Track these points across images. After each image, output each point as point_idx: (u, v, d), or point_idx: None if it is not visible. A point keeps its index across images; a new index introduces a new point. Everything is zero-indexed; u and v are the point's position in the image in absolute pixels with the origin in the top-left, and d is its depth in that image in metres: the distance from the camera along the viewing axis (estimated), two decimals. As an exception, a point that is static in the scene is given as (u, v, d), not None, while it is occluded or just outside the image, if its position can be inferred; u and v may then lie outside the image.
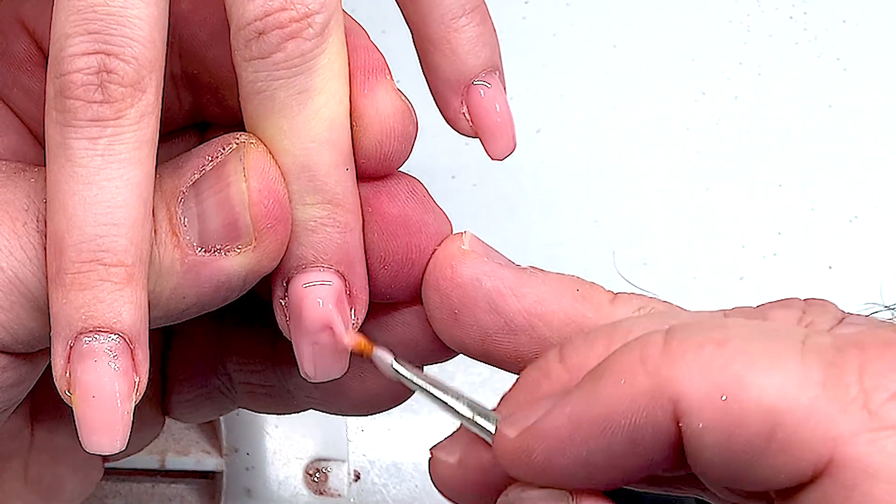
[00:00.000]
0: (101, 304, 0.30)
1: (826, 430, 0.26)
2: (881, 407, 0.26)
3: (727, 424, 0.27)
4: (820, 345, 0.28)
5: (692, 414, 0.27)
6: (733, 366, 0.27)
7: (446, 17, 0.36)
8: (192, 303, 0.33)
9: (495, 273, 0.34)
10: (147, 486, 0.52)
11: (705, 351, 0.27)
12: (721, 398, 0.27)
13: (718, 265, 0.59)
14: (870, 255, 0.59)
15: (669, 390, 0.27)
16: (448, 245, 0.35)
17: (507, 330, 0.33)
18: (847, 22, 0.66)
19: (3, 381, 0.33)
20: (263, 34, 0.32)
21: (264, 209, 0.32)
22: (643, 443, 0.28)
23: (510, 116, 0.37)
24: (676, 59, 0.64)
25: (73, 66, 0.30)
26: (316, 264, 0.33)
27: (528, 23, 0.65)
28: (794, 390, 0.27)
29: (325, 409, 0.39)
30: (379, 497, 0.52)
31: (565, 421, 0.29)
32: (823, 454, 0.26)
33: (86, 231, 0.30)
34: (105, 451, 0.31)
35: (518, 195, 0.60)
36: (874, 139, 0.63)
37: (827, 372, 0.27)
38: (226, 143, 0.33)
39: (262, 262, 0.33)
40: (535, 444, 0.29)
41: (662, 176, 0.61)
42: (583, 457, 0.28)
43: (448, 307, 0.34)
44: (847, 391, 0.27)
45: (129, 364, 0.31)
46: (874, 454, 0.26)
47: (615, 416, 0.28)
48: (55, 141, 0.31)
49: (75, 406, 0.31)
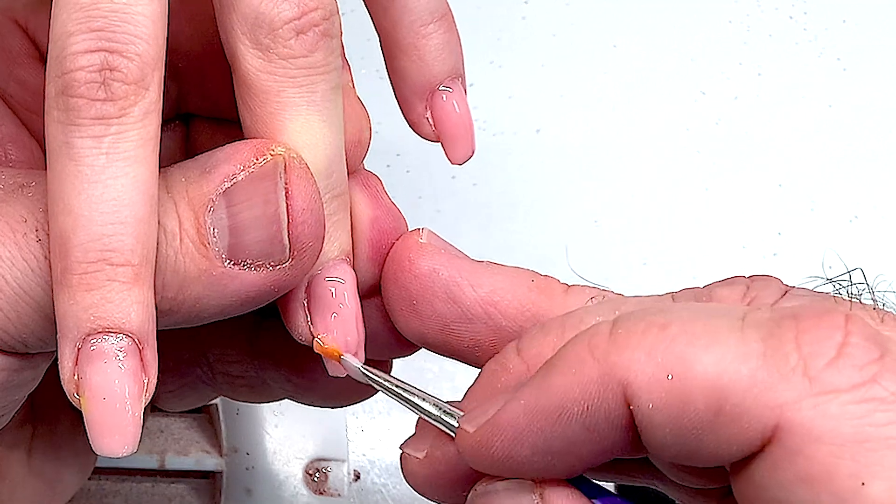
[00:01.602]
0: (109, 304, 0.30)
1: (769, 399, 0.27)
2: (821, 373, 0.27)
3: (675, 402, 0.28)
4: (759, 319, 0.29)
5: (641, 396, 0.28)
6: (676, 346, 0.28)
7: (416, 24, 0.37)
8: (215, 312, 0.32)
9: (452, 264, 0.35)
10: (147, 486, 0.51)
11: (649, 335, 0.28)
12: (667, 378, 0.28)
13: (718, 265, 0.59)
14: (870, 255, 0.59)
15: (618, 375, 0.28)
16: (406, 239, 0.35)
17: (464, 319, 0.34)
18: (847, 22, 0.66)
19: (15, 381, 0.33)
20: (303, 33, 0.32)
21: (307, 229, 0.32)
22: (597, 428, 0.29)
23: (471, 122, 0.39)
24: (676, 59, 0.64)
25: (75, 63, 0.30)
26: (338, 258, 0.34)
27: (528, 23, 0.65)
28: (735, 363, 0.28)
29: (299, 400, 0.40)
30: (379, 497, 0.52)
31: (521, 413, 0.30)
32: (769, 422, 0.27)
33: (92, 230, 0.30)
34: (116, 454, 0.30)
35: (518, 195, 0.60)
36: (874, 139, 0.63)
37: (766, 343, 0.28)
38: (259, 153, 0.32)
39: (295, 277, 0.33)
40: (494, 437, 0.30)
41: (662, 176, 0.61)
42: (541, 446, 0.30)
43: (407, 298, 0.35)
44: (787, 360, 0.27)
45: (138, 365, 0.30)
46: (817, 418, 0.27)
47: (568, 405, 0.29)
48: (58, 140, 0.30)
49: (85, 409, 0.30)
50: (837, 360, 0.27)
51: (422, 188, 0.59)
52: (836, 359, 0.27)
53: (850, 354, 0.27)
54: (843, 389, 0.27)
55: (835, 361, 0.27)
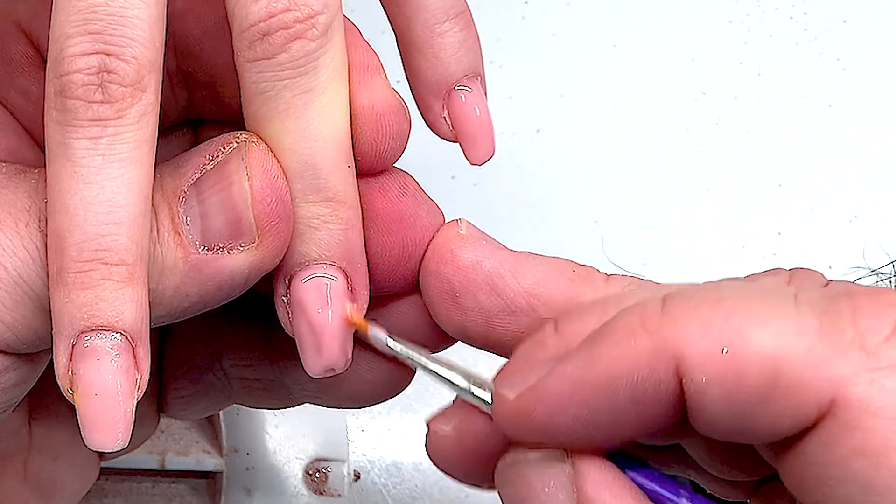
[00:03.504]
0: (102, 302, 0.30)
1: (826, 373, 0.27)
2: (878, 348, 0.27)
3: (730, 376, 0.28)
4: (812, 297, 0.28)
5: (695, 369, 0.28)
6: (732, 320, 0.28)
7: (430, 22, 0.37)
8: (195, 301, 0.33)
9: (494, 255, 0.34)
10: (147, 486, 0.52)
11: (703, 309, 0.28)
12: (722, 351, 0.28)
13: (718, 265, 0.59)
14: (870, 255, 0.59)
15: (671, 348, 0.28)
16: (446, 231, 0.35)
17: (507, 311, 0.34)
18: (847, 22, 0.66)
19: (6, 381, 0.33)
20: (268, 35, 0.32)
21: (267, 207, 0.32)
22: (645, 400, 0.28)
23: (490, 122, 0.38)
24: (676, 59, 0.64)
25: (73, 66, 0.30)
26: (319, 261, 0.34)
27: (528, 23, 0.65)
28: (791, 338, 0.27)
29: (321, 403, 0.39)
30: (379, 497, 0.52)
31: (566, 381, 0.29)
32: (825, 396, 0.27)
33: (87, 230, 0.30)
34: (108, 449, 0.31)
35: (518, 195, 0.60)
36: (874, 139, 0.63)
37: (821, 319, 0.28)
38: (226, 143, 0.33)
39: (264, 259, 0.33)
40: (536, 404, 0.30)
41: (662, 176, 0.61)
42: (583, 416, 0.29)
43: (449, 291, 0.34)
44: (843, 335, 0.27)
45: (130, 362, 0.31)
46: (874, 393, 0.27)
47: (618, 376, 0.28)
48: (55, 141, 0.31)
49: (78, 404, 0.31)
50: (894, 336, 0.27)
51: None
52: (892, 335, 0.27)
53: None
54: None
55: (891, 337, 0.27)
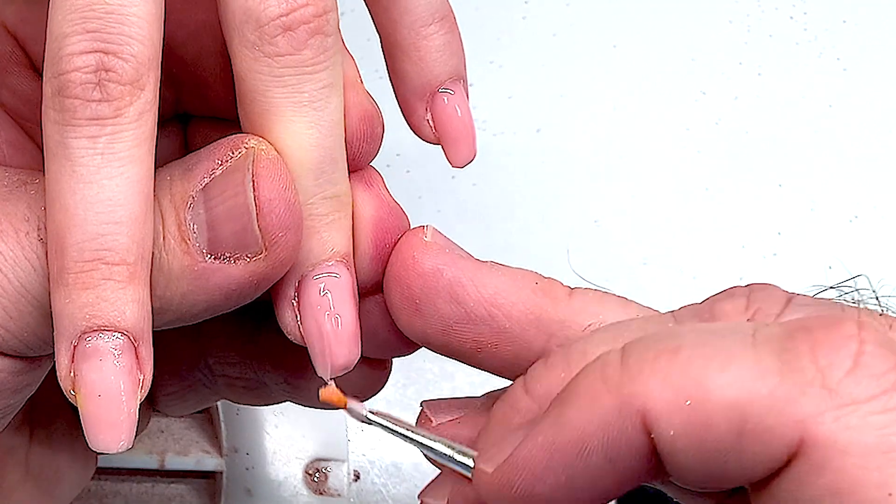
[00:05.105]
0: (104, 303, 0.30)
1: (791, 414, 0.27)
2: (839, 384, 0.27)
3: (696, 427, 0.27)
4: (770, 334, 0.28)
5: (661, 423, 0.28)
6: (690, 370, 0.28)
7: (416, 25, 0.37)
8: (203, 308, 0.32)
9: (456, 264, 0.34)
10: (147, 486, 0.52)
11: (661, 361, 0.28)
12: (685, 403, 0.27)
13: (718, 265, 0.59)
14: (870, 255, 0.59)
15: (635, 405, 0.28)
16: (410, 237, 0.35)
17: (467, 320, 0.34)
18: (847, 22, 0.66)
19: (15, 384, 0.33)
20: (290, 30, 0.32)
21: (275, 219, 0.32)
22: (619, 458, 0.28)
23: (472, 124, 0.38)
24: (676, 59, 0.64)
25: (71, 64, 0.30)
26: (331, 258, 0.34)
27: (528, 23, 0.65)
28: (752, 382, 0.27)
29: (300, 402, 0.39)
30: (379, 497, 0.52)
31: (539, 450, 0.29)
32: (793, 437, 0.27)
33: (87, 230, 0.30)
34: (111, 450, 0.31)
35: (518, 195, 0.60)
36: (874, 139, 0.63)
37: (781, 358, 0.27)
38: (235, 147, 0.32)
39: (273, 269, 0.33)
40: (514, 476, 0.29)
41: (662, 176, 0.61)
42: (563, 482, 0.29)
43: (409, 297, 0.34)
44: (804, 373, 0.27)
45: (133, 362, 0.31)
46: (840, 431, 0.26)
47: (588, 438, 0.28)
48: (54, 140, 0.30)
49: (81, 405, 0.31)
50: (855, 370, 0.27)
51: (422, 188, 0.59)
52: (853, 369, 0.27)
53: (866, 364, 0.27)
54: (863, 400, 0.27)
55: (852, 372, 0.27)
